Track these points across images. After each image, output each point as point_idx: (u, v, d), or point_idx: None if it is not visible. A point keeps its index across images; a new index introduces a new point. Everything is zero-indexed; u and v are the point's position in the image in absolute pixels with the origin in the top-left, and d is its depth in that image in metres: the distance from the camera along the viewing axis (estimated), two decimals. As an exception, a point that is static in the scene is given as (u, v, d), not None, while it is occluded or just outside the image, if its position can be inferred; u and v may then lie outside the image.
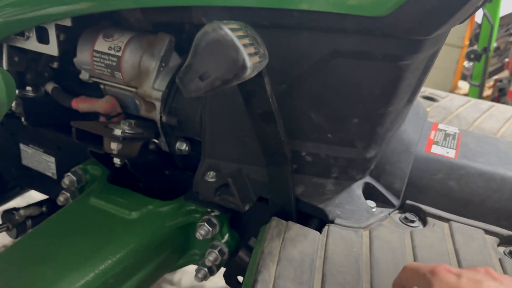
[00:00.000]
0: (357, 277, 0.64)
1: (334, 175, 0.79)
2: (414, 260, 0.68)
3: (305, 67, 0.69)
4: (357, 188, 0.80)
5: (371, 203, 0.80)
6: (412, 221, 0.79)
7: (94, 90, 0.95)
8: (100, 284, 0.71)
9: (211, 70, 0.43)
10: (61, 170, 1.06)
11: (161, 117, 0.84)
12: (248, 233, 0.89)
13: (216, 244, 0.86)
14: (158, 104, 0.85)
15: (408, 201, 0.82)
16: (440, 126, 1.00)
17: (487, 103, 1.30)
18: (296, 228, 0.73)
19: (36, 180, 1.12)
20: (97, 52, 0.84)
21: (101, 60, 0.84)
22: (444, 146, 0.87)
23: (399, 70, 0.67)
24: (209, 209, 0.86)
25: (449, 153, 0.85)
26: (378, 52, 0.65)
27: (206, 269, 0.87)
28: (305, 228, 0.73)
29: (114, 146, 0.78)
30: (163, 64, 0.85)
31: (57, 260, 0.71)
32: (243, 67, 0.43)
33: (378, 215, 0.77)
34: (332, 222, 0.75)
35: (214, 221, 0.84)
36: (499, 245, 0.75)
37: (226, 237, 0.87)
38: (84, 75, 0.90)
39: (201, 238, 0.83)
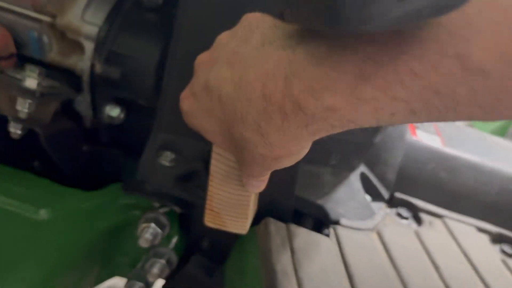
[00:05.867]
0: (397, 299, 0.49)
1: (332, 162, 0.63)
2: (435, 268, 0.57)
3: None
4: (356, 179, 0.65)
5: (367, 198, 0.66)
6: (406, 218, 0.68)
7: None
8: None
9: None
10: None
11: (93, 65, 0.56)
12: (198, 234, 0.67)
13: (161, 251, 0.63)
14: (89, 46, 0.55)
15: (397, 194, 0.70)
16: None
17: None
18: (302, 234, 0.54)
19: None
20: None
21: (-6, -37, 0.51)
22: (427, 131, 0.78)
23: None
24: (158, 204, 0.61)
25: (436, 141, 0.76)
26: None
27: (142, 284, 0.63)
28: (311, 233, 0.55)
29: (24, 105, 0.48)
30: (98, -13, 0.56)
31: None
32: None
33: (379, 212, 0.64)
34: (335, 223, 0.59)
35: (164, 220, 0.61)
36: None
37: (174, 241, 0.63)
38: (-46, -14, 0.55)
39: (146, 245, 0.59)
